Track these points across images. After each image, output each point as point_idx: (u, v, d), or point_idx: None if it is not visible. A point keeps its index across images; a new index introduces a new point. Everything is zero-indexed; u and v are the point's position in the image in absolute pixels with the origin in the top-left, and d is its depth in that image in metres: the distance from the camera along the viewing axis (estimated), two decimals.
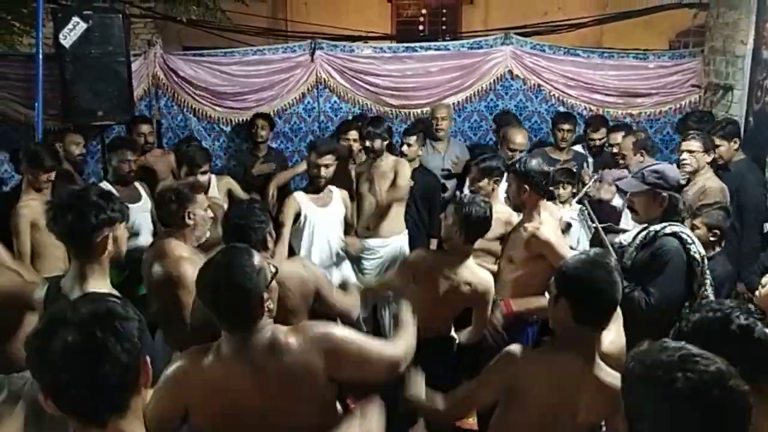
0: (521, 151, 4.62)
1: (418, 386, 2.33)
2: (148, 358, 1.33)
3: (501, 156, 4.32)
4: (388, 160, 4.52)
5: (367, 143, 4.49)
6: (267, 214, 2.89)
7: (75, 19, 5.08)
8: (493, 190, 3.85)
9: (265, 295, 1.90)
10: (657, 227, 2.90)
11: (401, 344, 2.20)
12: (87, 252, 2.17)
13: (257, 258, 1.94)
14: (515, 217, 3.60)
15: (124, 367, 1.26)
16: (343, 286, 3.22)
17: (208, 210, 3.01)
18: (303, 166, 4.85)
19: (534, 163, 3.27)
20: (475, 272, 3.12)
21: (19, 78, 5.65)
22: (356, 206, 4.51)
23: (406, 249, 4.55)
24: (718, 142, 4.20)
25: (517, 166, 3.30)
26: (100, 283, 2.18)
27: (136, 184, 4.48)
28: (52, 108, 5.41)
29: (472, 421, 3.64)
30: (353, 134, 5.03)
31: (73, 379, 1.23)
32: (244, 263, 1.89)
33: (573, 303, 2.01)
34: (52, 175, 3.95)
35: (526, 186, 3.23)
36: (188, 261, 2.70)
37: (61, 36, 5.08)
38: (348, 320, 2.98)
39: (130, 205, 4.07)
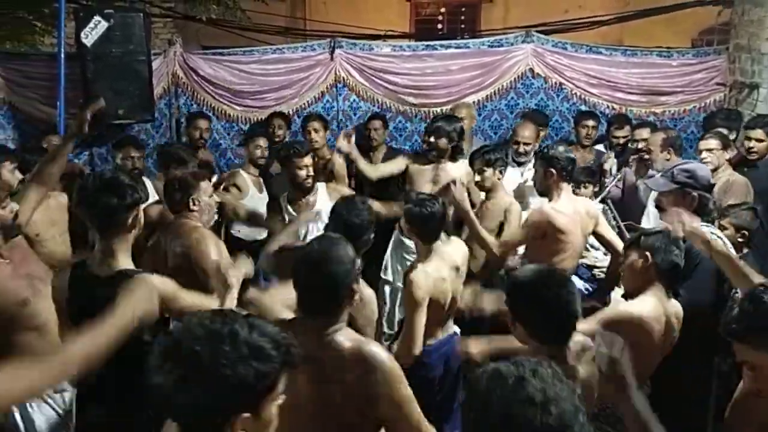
0: (526, 144, 4.63)
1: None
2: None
3: (504, 148, 4.37)
4: (458, 169, 4.31)
5: (432, 139, 4.34)
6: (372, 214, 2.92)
7: (96, 18, 5.10)
8: (499, 179, 3.93)
9: (354, 287, 1.94)
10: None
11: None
12: (118, 230, 2.29)
13: (351, 249, 1.98)
14: (516, 205, 3.80)
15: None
16: None
17: (213, 196, 3.16)
18: None
19: (561, 149, 3.34)
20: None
21: (42, 77, 5.69)
22: None
23: None
24: (761, 136, 4.19)
25: (544, 151, 3.39)
26: (127, 260, 2.34)
27: (144, 179, 4.58)
28: (73, 107, 5.43)
29: None
30: (376, 123, 5.27)
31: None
32: (342, 251, 1.94)
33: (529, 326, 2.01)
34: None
35: (552, 170, 3.28)
36: (206, 235, 2.94)
37: (82, 35, 5.09)
38: None
39: None
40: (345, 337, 1.92)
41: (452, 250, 3.03)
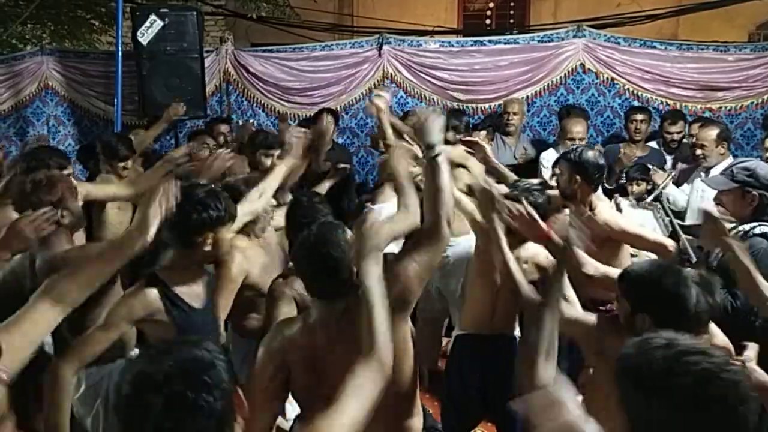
0: (581, 139, 4.55)
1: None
2: (239, 390, 1.29)
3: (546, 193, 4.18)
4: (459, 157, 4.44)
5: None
6: (329, 208, 2.90)
7: (152, 17, 5.24)
8: None
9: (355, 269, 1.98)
10: (746, 227, 2.76)
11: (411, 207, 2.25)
12: (183, 248, 2.26)
13: (349, 233, 2.03)
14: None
15: (220, 415, 1.21)
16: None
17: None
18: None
19: (590, 154, 3.18)
20: (534, 248, 2.96)
21: (99, 75, 5.89)
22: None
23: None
24: None
25: (571, 155, 3.21)
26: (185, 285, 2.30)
27: None
28: (129, 103, 5.60)
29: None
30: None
31: None
32: (340, 237, 1.99)
33: (654, 317, 1.94)
34: (129, 164, 4.08)
35: (578, 176, 3.15)
36: (239, 251, 2.81)
37: (138, 34, 5.24)
38: None
39: None
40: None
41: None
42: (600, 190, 3.33)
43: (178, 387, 1.17)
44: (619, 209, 4.00)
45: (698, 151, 4.28)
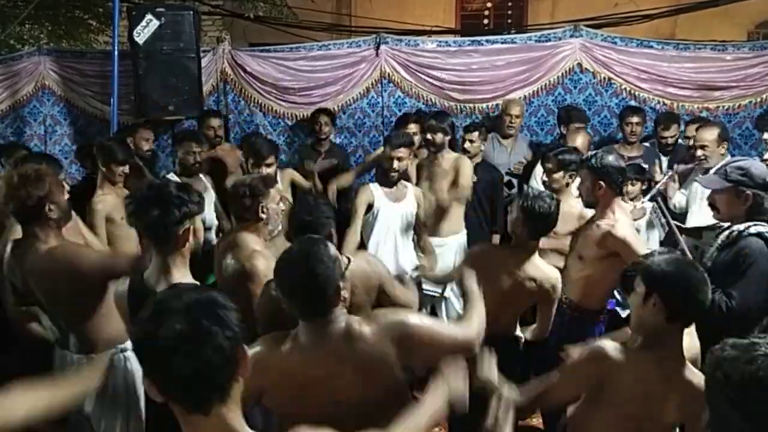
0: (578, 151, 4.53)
1: (491, 368, 2.27)
2: (246, 348, 1.34)
3: (579, 151, 4.17)
4: (449, 157, 4.43)
5: (428, 136, 4.40)
6: (332, 210, 2.90)
7: (148, 16, 5.24)
8: (567, 185, 3.78)
9: (341, 284, 1.94)
10: (740, 227, 2.75)
11: (474, 324, 2.19)
12: (170, 245, 2.24)
13: (332, 248, 1.98)
14: (588, 213, 3.50)
15: (227, 354, 1.27)
16: (400, 279, 3.20)
17: (280, 204, 3.03)
18: (355, 171, 5.05)
19: (611, 159, 3.18)
20: (541, 268, 3.04)
21: (96, 74, 5.87)
22: None
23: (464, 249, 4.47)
24: None
25: (592, 161, 3.20)
26: (183, 274, 2.27)
27: (201, 176, 4.58)
28: (125, 103, 5.60)
29: (536, 421, 3.58)
30: (412, 127, 4.91)
31: (180, 366, 1.24)
32: (321, 252, 1.93)
33: (668, 302, 1.99)
34: (126, 168, 4.07)
35: (602, 182, 3.15)
36: (261, 255, 2.73)
37: (135, 33, 5.24)
38: None
39: None
40: (356, 321, 1.97)
41: None
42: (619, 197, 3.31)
43: (196, 315, 1.27)
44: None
45: (699, 152, 4.21)
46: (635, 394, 2.02)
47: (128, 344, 2.72)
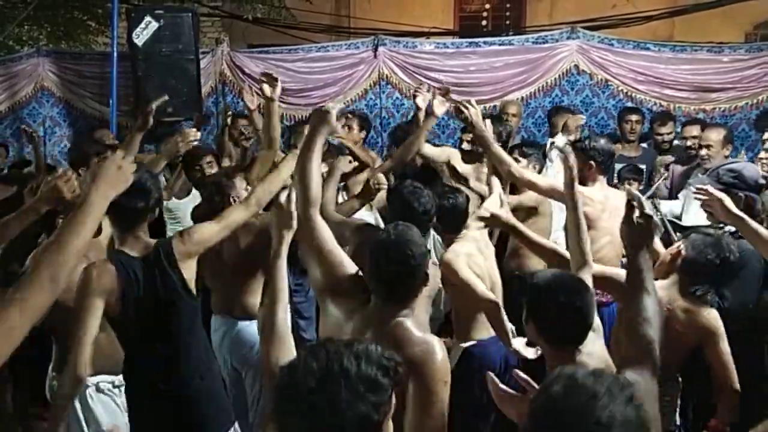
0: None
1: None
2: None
3: (540, 144, 4.40)
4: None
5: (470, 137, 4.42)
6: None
7: (147, 18, 5.25)
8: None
9: (428, 272, 1.98)
10: (733, 228, 2.78)
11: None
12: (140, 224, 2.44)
13: (420, 235, 2.02)
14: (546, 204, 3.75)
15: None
16: None
17: (248, 187, 3.14)
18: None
19: (602, 141, 3.38)
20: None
21: (95, 76, 5.90)
22: None
23: None
24: None
25: (585, 143, 3.39)
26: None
27: None
28: (124, 104, 5.62)
29: None
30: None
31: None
32: (417, 241, 1.97)
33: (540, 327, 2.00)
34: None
35: (592, 163, 3.31)
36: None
37: (134, 35, 5.26)
38: None
39: (183, 200, 4.25)
40: (413, 324, 1.94)
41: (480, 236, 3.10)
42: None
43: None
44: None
45: (703, 151, 4.17)
46: None
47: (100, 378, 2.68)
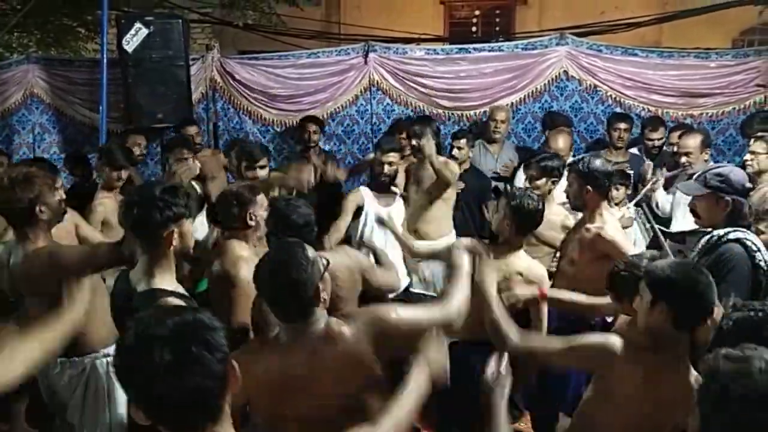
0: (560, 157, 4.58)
1: (490, 273, 2.40)
2: (235, 363, 1.33)
3: (561, 157, 4.24)
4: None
5: (414, 142, 4.42)
6: (311, 208, 2.90)
7: (137, 25, 5.26)
8: (549, 191, 3.82)
9: (320, 286, 1.96)
10: (720, 232, 2.79)
11: (454, 301, 2.21)
12: (155, 246, 2.24)
13: (310, 251, 2.00)
14: (571, 220, 3.54)
15: (218, 377, 1.27)
16: (377, 260, 3.25)
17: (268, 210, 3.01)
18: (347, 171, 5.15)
19: (598, 163, 3.23)
20: (527, 261, 3.06)
21: (85, 82, 5.88)
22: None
23: None
24: None
25: (580, 166, 3.25)
26: (167, 278, 2.26)
27: (192, 182, 4.58)
28: (114, 111, 5.61)
29: (525, 426, 3.60)
30: (403, 135, 4.95)
31: (170, 394, 1.22)
32: (299, 256, 1.95)
33: (675, 308, 2.00)
34: (123, 173, 4.06)
35: (589, 187, 3.19)
36: (245, 261, 2.73)
37: (124, 41, 5.26)
38: None
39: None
40: (335, 322, 2.01)
41: None
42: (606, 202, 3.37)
43: (184, 343, 1.23)
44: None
45: (683, 159, 4.29)
46: (641, 394, 2.05)
47: (111, 349, 2.71)
